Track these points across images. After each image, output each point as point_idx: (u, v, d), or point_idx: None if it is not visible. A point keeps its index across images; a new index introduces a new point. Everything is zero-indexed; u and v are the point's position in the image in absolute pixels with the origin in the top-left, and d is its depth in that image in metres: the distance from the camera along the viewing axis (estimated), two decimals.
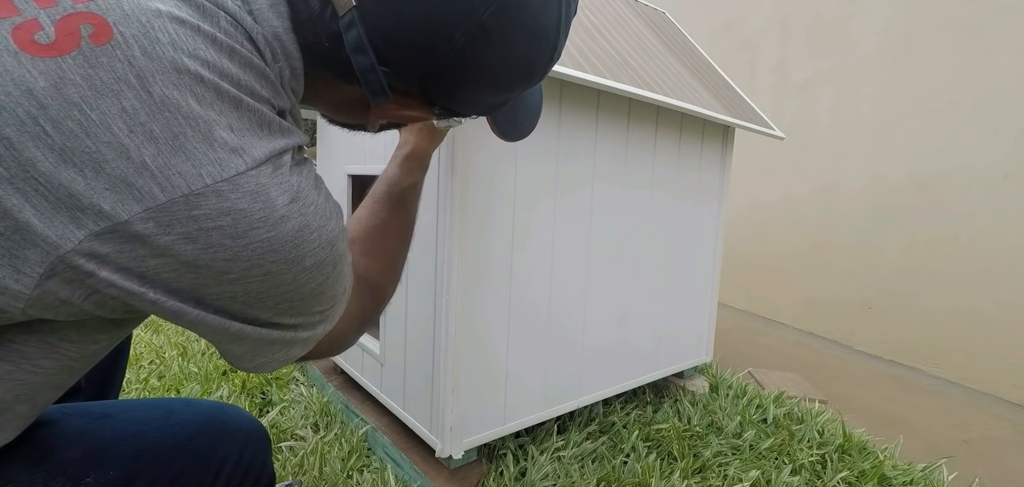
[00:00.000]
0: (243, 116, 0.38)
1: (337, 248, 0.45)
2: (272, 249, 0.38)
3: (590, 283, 1.46)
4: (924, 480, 1.50)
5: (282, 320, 0.43)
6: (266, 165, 0.38)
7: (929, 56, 2.71)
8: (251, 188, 0.37)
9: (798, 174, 3.39)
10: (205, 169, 0.35)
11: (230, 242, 0.36)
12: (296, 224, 0.40)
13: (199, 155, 0.34)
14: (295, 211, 0.40)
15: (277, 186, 0.39)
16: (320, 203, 0.44)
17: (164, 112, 0.33)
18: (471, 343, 1.21)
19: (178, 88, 0.34)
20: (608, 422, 1.64)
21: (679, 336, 1.83)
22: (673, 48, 1.91)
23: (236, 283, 0.38)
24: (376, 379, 1.47)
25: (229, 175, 0.36)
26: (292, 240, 0.40)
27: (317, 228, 0.42)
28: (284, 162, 0.41)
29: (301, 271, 0.41)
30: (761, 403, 1.86)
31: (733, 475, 1.42)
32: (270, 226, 0.38)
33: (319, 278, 0.43)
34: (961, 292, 2.57)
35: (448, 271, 1.14)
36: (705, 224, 1.84)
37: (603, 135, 1.41)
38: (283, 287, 0.41)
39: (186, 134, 0.34)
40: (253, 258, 0.37)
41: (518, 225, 1.26)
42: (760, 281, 3.60)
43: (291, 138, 0.43)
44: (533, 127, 0.70)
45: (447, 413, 1.19)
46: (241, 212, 0.36)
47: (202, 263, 0.36)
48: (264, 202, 0.38)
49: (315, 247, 0.42)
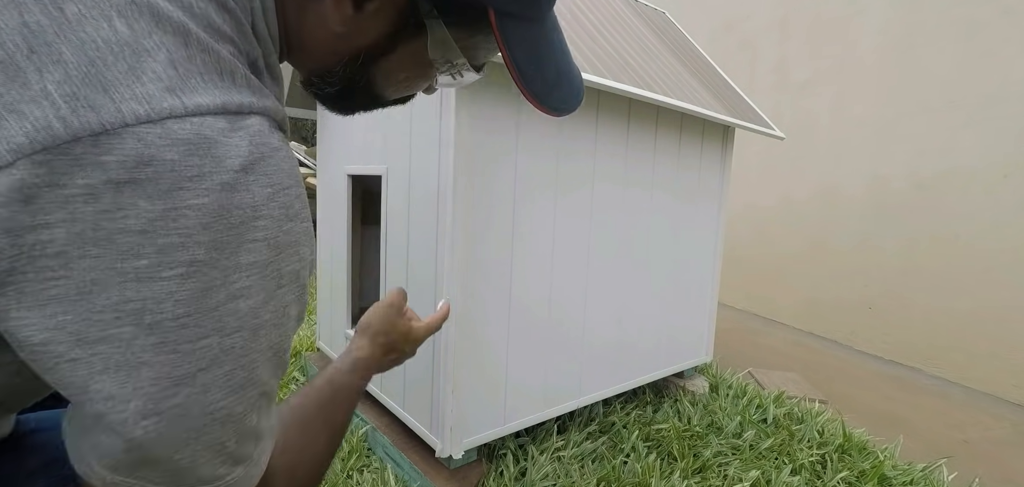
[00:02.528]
0: (191, 52, 0.30)
1: (285, 262, 0.33)
2: (203, 224, 0.28)
3: (590, 283, 1.46)
4: (924, 480, 1.50)
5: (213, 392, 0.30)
6: (216, 117, 0.29)
7: (929, 56, 2.71)
8: (187, 136, 0.28)
9: (798, 174, 3.39)
10: (126, 105, 0.26)
11: (147, 204, 0.26)
12: (245, 198, 0.30)
13: (121, 87, 0.26)
14: (246, 182, 0.30)
15: (227, 144, 0.29)
16: (287, 194, 0.33)
17: (79, 31, 0.26)
18: (471, 343, 1.21)
19: (101, 7, 0.27)
20: (608, 422, 1.64)
21: (679, 336, 1.83)
22: (673, 48, 1.91)
23: (144, 281, 0.27)
24: (376, 379, 1.47)
25: (159, 116, 0.27)
26: (233, 216, 0.29)
27: (272, 216, 0.31)
28: (246, 124, 0.31)
29: (234, 267, 0.30)
30: (761, 403, 1.86)
31: (733, 475, 1.42)
32: (205, 190, 0.28)
33: (259, 294, 0.31)
34: (961, 292, 2.57)
35: (448, 271, 1.14)
36: (705, 224, 1.84)
37: (603, 135, 1.41)
38: (211, 297, 0.29)
39: (106, 60, 0.26)
40: (175, 233, 0.27)
41: (518, 225, 1.26)
42: (760, 281, 3.60)
43: (260, 98, 0.33)
44: (576, 94, 0.54)
45: (447, 413, 1.19)
46: (168, 164, 0.27)
47: (102, 235, 0.26)
48: (204, 158, 0.28)
49: (261, 239, 0.31)
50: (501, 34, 0.43)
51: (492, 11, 0.42)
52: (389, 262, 1.36)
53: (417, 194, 1.24)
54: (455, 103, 1.09)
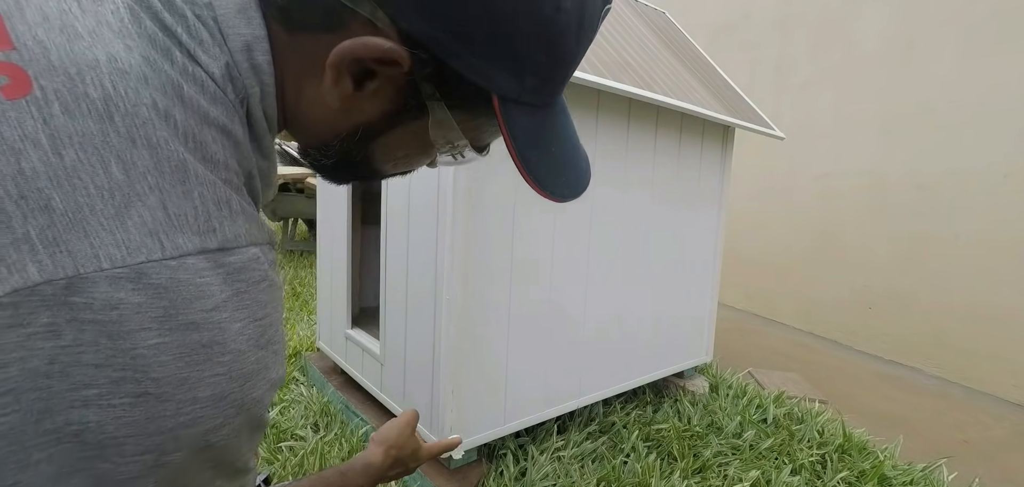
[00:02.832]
0: (188, 189, 0.31)
1: (249, 390, 0.33)
2: (160, 362, 0.29)
3: (590, 283, 1.46)
4: (924, 480, 1.50)
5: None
6: (198, 257, 0.30)
7: (929, 56, 2.71)
8: (160, 281, 0.29)
9: (798, 174, 3.39)
10: (104, 250, 0.27)
11: (106, 342, 0.27)
12: (205, 337, 0.30)
13: (103, 233, 0.27)
14: (216, 319, 0.31)
15: (202, 285, 0.30)
16: (254, 329, 0.33)
17: (73, 179, 0.27)
18: (471, 343, 1.21)
19: (100, 153, 0.28)
20: (608, 422, 1.64)
21: (679, 336, 1.83)
22: (673, 48, 1.91)
23: (90, 407, 0.28)
24: (376, 379, 1.47)
25: (136, 261, 0.28)
26: (190, 354, 0.30)
27: (234, 350, 0.32)
28: (228, 261, 0.32)
29: (189, 401, 0.30)
30: (761, 403, 1.86)
31: (733, 475, 1.42)
32: (166, 331, 0.29)
33: (212, 421, 0.32)
34: (961, 292, 2.57)
35: (448, 271, 1.14)
36: (705, 224, 1.84)
37: (603, 135, 1.41)
38: (158, 422, 0.30)
39: (94, 206, 0.27)
40: (129, 369, 0.28)
41: (518, 225, 1.26)
42: (760, 281, 3.60)
43: (251, 226, 0.34)
44: (582, 179, 0.53)
45: (447, 413, 1.19)
46: (134, 308, 0.28)
47: (57, 369, 0.27)
48: (173, 300, 0.29)
49: (221, 373, 0.31)
50: (504, 120, 0.42)
51: (495, 97, 0.41)
52: (389, 262, 1.36)
53: (417, 194, 1.24)
54: None
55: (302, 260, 3.86)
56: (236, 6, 0.35)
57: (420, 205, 1.23)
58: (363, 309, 1.79)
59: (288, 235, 4.27)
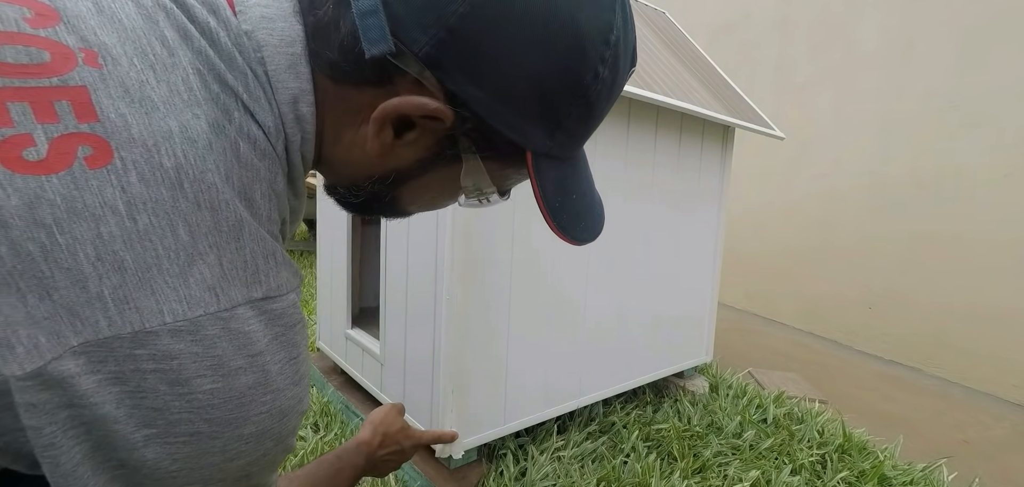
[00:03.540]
0: (242, 245, 0.34)
1: (286, 424, 0.37)
2: (212, 405, 0.32)
3: (590, 283, 1.46)
4: (924, 480, 1.50)
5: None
6: (247, 307, 0.34)
7: (929, 56, 2.71)
8: (215, 332, 0.32)
9: (798, 174, 3.39)
10: (168, 306, 0.30)
11: (166, 389, 0.30)
12: (251, 379, 0.34)
13: (168, 290, 0.30)
14: (257, 365, 0.34)
15: (250, 333, 0.34)
16: (292, 367, 0.37)
17: (145, 241, 0.30)
18: (471, 343, 1.21)
19: (170, 217, 0.30)
20: (608, 422, 1.64)
21: (679, 336, 1.83)
22: (673, 48, 1.91)
23: (149, 446, 0.31)
24: (376, 379, 1.47)
25: (195, 315, 0.31)
26: (239, 397, 0.33)
27: (276, 389, 0.35)
28: (272, 308, 0.35)
29: (236, 438, 0.34)
30: (761, 403, 1.86)
31: (733, 475, 1.42)
32: (220, 377, 0.32)
33: (255, 454, 0.36)
34: (961, 292, 2.57)
35: (448, 271, 1.14)
36: (705, 224, 1.84)
37: (603, 135, 1.41)
38: (208, 458, 0.33)
39: (161, 266, 0.30)
40: (185, 412, 0.31)
41: (518, 226, 1.26)
42: (760, 281, 3.60)
43: (289, 275, 0.38)
44: (598, 223, 0.54)
45: (447, 413, 1.19)
46: (192, 356, 0.31)
47: (122, 412, 0.30)
48: (222, 349, 0.32)
49: (265, 411, 0.35)
50: (536, 173, 0.44)
51: (529, 153, 0.43)
52: (389, 262, 1.37)
53: None
54: None
55: (302, 260, 3.86)
56: (287, 61, 0.38)
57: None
58: (363, 309, 1.79)
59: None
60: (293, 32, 0.38)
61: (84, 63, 0.30)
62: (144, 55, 0.32)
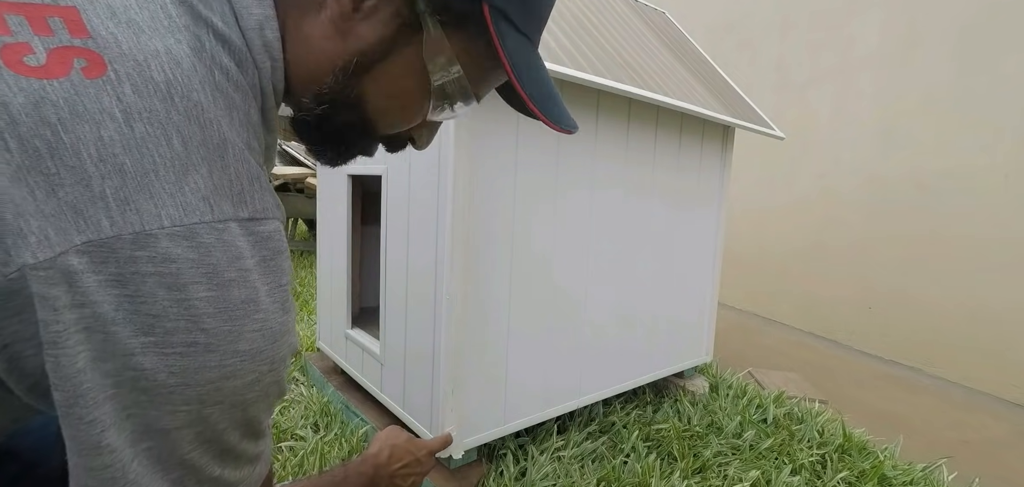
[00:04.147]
0: (227, 164, 0.35)
1: (277, 350, 0.38)
2: (208, 314, 0.33)
3: (590, 283, 1.46)
4: (924, 480, 1.50)
5: (178, 440, 0.35)
6: (237, 224, 0.35)
7: (929, 56, 2.71)
8: (210, 241, 0.33)
9: (798, 174, 3.39)
10: (166, 211, 0.32)
11: (164, 294, 0.32)
12: (244, 294, 0.35)
13: (165, 196, 0.32)
14: (248, 281, 0.35)
15: (240, 247, 0.35)
16: (279, 294, 0.38)
17: (143, 148, 0.32)
18: (471, 343, 1.21)
19: (164, 127, 0.33)
20: (608, 422, 1.64)
21: (679, 336, 1.83)
22: (673, 48, 1.91)
23: (147, 354, 0.32)
24: (376, 379, 1.47)
25: (191, 221, 0.33)
26: (233, 309, 0.34)
27: (265, 310, 0.37)
28: (258, 230, 0.37)
29: (231, 353, 0.35)
30: (761, 403, 1.86)
31: (733, 475, 1.42)
32: (214, 286, 0.33)
33: (249, 375, 0.36)
34: (961, 292, 2.57)
35: (448, 271, 1.14)
36: (705, 224, 1.84)
37: (603, 135, 1.41)
38: (204, 373, 0.34)
39: (159, 172, 0.32)
40: (182, 318, 0.33)
41: (518, 225, 1.26)
42: (760, 281, 3.60)
43: (272, 202, 0.39)
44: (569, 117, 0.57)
45: (447, 413, 1.19)
46: (188, 263, 0.32)
47: (122, 315, 0.31)
48: (217, 258, 0.34)
49: (257, 330, 0.36)
50: (495, 29, 0.45)
51: (486, 6, 0.44)
52: (389, 262, 1.37)
53: (417, 194, 1.24)
54: None
55: (302, 260, 3.86)
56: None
57: (420, 205, 1.23)
58: (363, 309, 1.79)
59: (288, 235, 4.27)
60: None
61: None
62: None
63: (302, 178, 3.84)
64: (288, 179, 3.81)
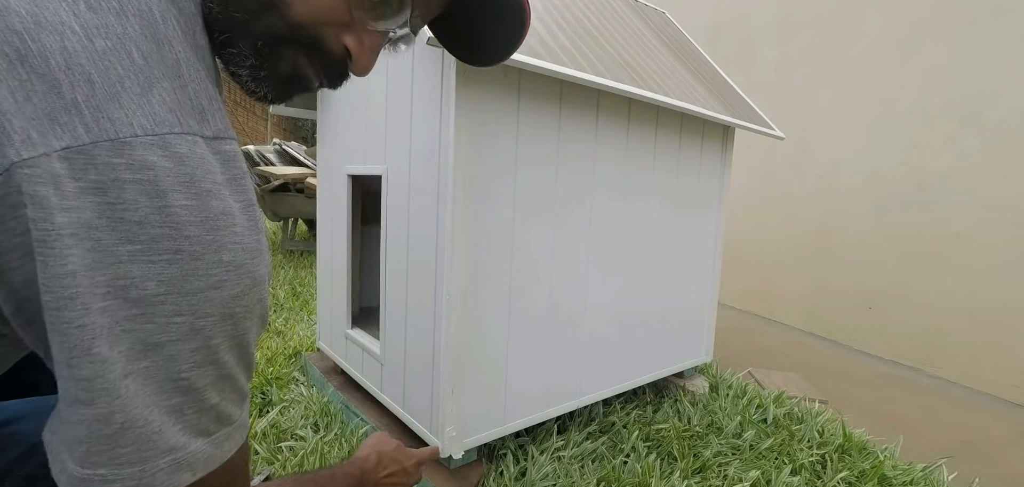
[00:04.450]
0: (184, 83, 0.36)
1: (257, 265, 0.39)
2: (190, 221, 0.34)
3: (590, 283, 1.46)
4: (924, 480, 1.50)
5: (175, 355, 0.35)
6: (202, 140, 0.36)
7: (929, 56, 2.71)
8: (183, 151, 0.34)
9: (798, 174, 3.39)
10: (137, 121, 0.33)
11: (145, 201, 0.32)
12: (221, 206, 0.36)
13: (134, 106, 0.33)
14: (222, 195, 0.36)
15: (211, 161, 0.36)
16: (250, 212, 0.39)
17: (106, 60, 0.32)
18: (471, 343, 1.21)
19: (123, 42, 0.33)
20: (608, 422, 1.64)
21: (679, 336, 1.83)
22: (673, 48, 1.91)
23: (134, 262, 0.32)
24: (376, 379, 1.47)
25: (162, 131, 0.33)
26: (214, 219, 0.35)
27: (241, 225, 0.37)
28: (223, 149, 0.38)
29: (216, 263, 0.35)
30: (761, 403, 1.86)
31: (733, 475, 1.42)
32: (193, 195, 0.34)
33: (235, 286, 0.37)
34: (961, 292, 2.57)
35: (448, 270, 1.14)
36: (705, 224, 1.84)
37: (603, 135, 1.41)
38: (193, 281, 0.34)
39: (124, 84, 0.33)
40: (165, 224, 0.33)
41: (518, 225, 1.26)
42: (760, 281, 3.60)
43: (228, 126, 0.40)
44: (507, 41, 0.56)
45: (447, 413, 1.19)
46: (166, 170, 0.33)
47: (105, 222, 0.31)
48: (193, 168, 0.34)
49: (237, 242, 0.37)
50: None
51: None
52: (389, 262, 1.37)
53: (417, 194, 1.24)
54: (455, 100, 1.09)
55: (302, 260, 3.86)
56: None
57: (420, 205, 1.23)
58: (363, 309, 1.79)
59: (288, 235, 4.27)
60: None
61: None
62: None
63: (302, 178, 3.84)
64: (288, 179, 3.81)
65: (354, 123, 1.50)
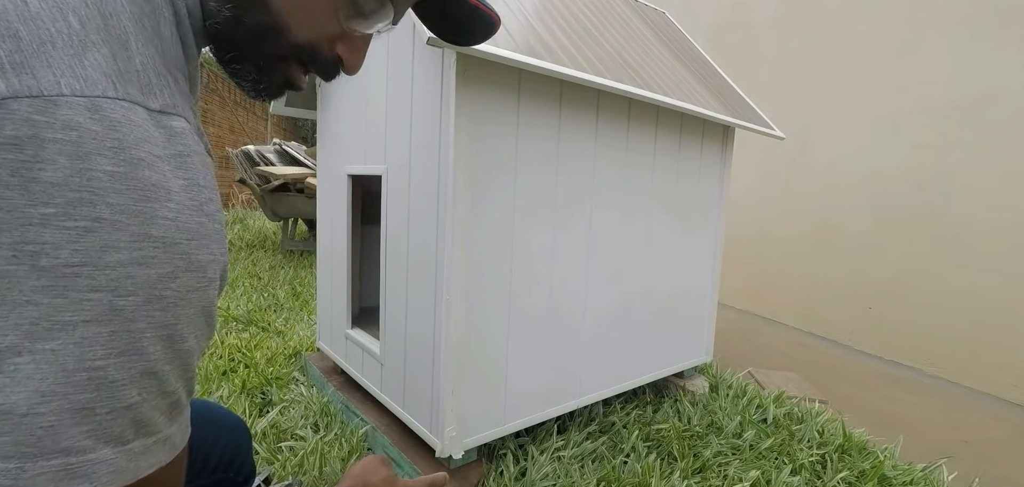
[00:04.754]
0: (130, 54, 0.34)
1: (197, 250, 0.35)
2: (114, 189, 0.31)
3: (590, 283, 1.46)
4: (924, 480, 1.50)
5: (87, 338, 0.31)
6: (143, 109, 0.34)
7: (929, 55, 2.71)
8: (117, 116, 0.32)
9: (798, 174, 3.39)
10: (65, 80, 0.30)
11: (65, 162, 0.30)
12: (155, 178, 0.33)
13: (63, 65, 0.31)
14: (161, 167, 0.33)
15: (148, 131, 0.33)
16: (196, 193, 0.36)
17: (37, 20, 0.31)
18: (471, 343, 1.21)
19: (60, 6, 0.32)
20: (608, 422, 1.64)
21: (679, 336, 1.83)
22: (673, 48, 1.91)
23: (46, 227, 0.29)
24: (376, 379, 1.47)
25: (93, 93, 0.31)
26: (142, 189, 0.32)
27: (179, 202, 0.34)
28: (169, 123, 0.35)
29: (142, 237, 0.32)
30: (761, 403, 1.86)
31: (733, 475, 1.42)
32: (121, 162, 0.31)
33: (165, 266, 0.33)
34: (961, 292, 2.57)
35: (448, 270, 1.14)
36: (705, 224, 1.84)
37: (603, 135, 1.41)
38: (112, 253, 0.31)
39: (56, 43, 0.31)
40: (85, 191, 0.30)
41: (518, 225, 1.26)
42: (760, 281, 3.60)
43: (184, 105, 0.38)
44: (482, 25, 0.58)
45: (447, 413, 1.19)
46: (92, 134, 0.30)
47: (17, 181, 0.29)
48: (124, 134, 0.32)
49: (169, 218, 0.33)
50: None
51: None
52: (389, 262, 1.37)
53: (417, 194, 1.24)
54: (455, 100, 1.09)
55: (302, 260, 3.86)
56: None
57: (420, 204, 1.23)
58: (363, 309, 1.79)
59: (288, 235, 4.27)
60: None
61: None
62: None
63: (302, 178, 3.84)
64: (288, 179, 3.81)
65: (354, 123, 1.50)
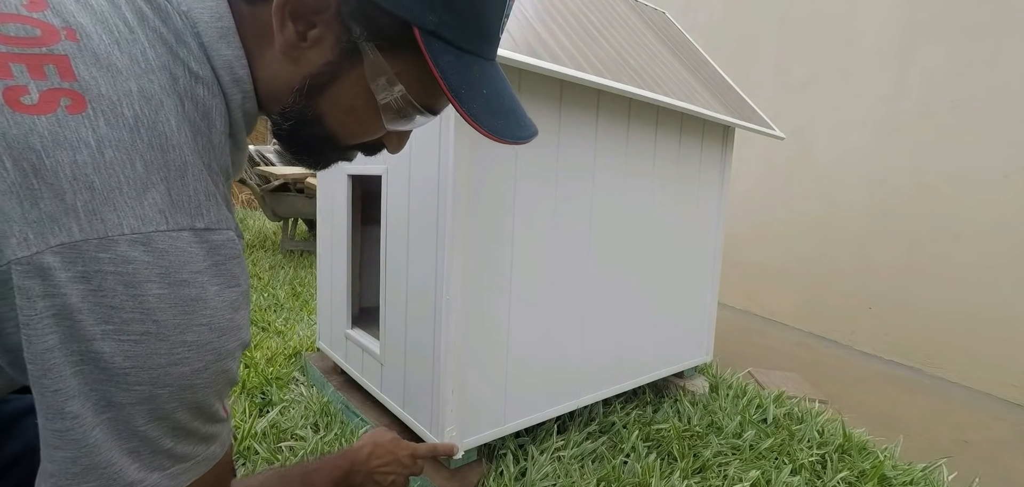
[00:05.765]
0: (186, 183, 0.42)
1: (224, 342, 0.44)
2: (160, 308, 0.40)
3: (590, 283, 1.46)
4: (924, 480, 1.50)
5: (133, 414, 0.41)
6: (191, 233, 0.41)
7: (929, 56, 2.71)
8: (163, 246, 0.40)
9: (798, 174, 3.39)
10: (127, 221, 0.38)
11: (122, 290, 0.38)
12: (193, 293, 0.41)
13: (127, 209, 0.38)
14: (198, 282, 0.42)
15: (191, 252, 0.41)
16: (229, 294, 0.44)
17: (110, 169, 0.38)
18: (471, 343, 1.21)
19: (130, 153, 0.39)
20: (608, 422, 1.64)
21: (679, 336, 1.83)
22: (673, 48, 1.91)
23: (106, 340, 0.38)
24: (376, 379, 1.47)
25: (148, 230, 0.39)
26: (183, 305, 0.41)
27: (214, 308, 0.43)
28: (211, 238, 0.43)
29: (180, 343, 0.41)
30: (761, 403, 1.86)
31: (733, 475, 1.42)
32: (167, 285, 0.40)
33: (196, 363, 0.42)
34: (961, 292, 2.57)
35: (448, 271, 1.14)
36: (705, 224, 1.84)
37: (603, 136, 1.41)
38: (155, 359, 0.40)
39: (123, 189, 0.38)
40: (137, 311, 0.39)
41: (518, 225, 1.26)
42: (760, 281, 3.60)
43: (227, 216, 0.45)
44: (525, 127, 0.59)
45: (447, 413, 1.19)
46: (143, 264, 0.39)
47: (86, 305, 0.37)
48: (170, 262, 0.40)
49: (204, 324, 0.42)
50: (428, 50, 0.48)
51: (417, 30, 0.48)
52: (389, 262, 1.37)
53: (417, 194, 1.24)
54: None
55: (302, 260, 3.86)
56: (218, 33, 0.47)
57: (420, 204, 1.23)
58: (363, 309, 1.79)
59: (288, 235, 4.27)
60: (221, 8, 0.47)
61: (65, 38, 0.39)
62: (110, 32, 0.41)
63: (302, 178, 3.84)
64: (288, 179, 3.81)
65: None
